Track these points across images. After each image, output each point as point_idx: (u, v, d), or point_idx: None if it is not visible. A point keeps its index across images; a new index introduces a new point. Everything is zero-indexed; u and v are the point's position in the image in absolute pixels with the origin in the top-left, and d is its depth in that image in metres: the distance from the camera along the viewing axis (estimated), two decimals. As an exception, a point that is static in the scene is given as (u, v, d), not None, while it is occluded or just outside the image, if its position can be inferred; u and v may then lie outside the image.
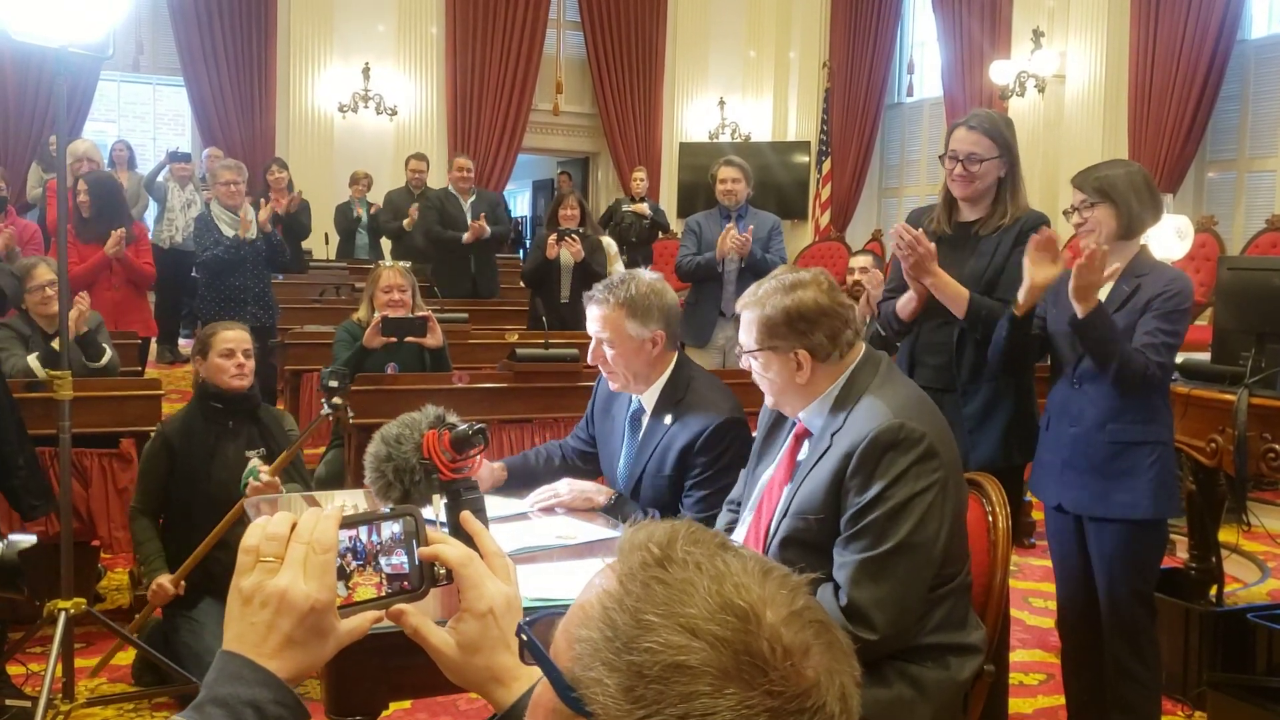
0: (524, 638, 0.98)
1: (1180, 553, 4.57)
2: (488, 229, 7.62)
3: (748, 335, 2.28)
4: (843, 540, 2.11)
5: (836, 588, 2.09)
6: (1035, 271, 2.92)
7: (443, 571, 1.17)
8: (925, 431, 2.10)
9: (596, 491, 2.89)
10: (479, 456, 1.71)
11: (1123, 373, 2.83)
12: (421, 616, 1.17)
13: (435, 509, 1.70)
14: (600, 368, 2.93)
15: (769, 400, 2.36)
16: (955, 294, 3.11)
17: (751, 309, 2.27)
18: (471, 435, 1.67)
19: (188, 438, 3.65)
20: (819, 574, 2.15)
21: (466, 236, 7.61)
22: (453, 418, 1.72)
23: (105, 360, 4.68)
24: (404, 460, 1.69)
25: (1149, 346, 2.84)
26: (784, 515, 2.22)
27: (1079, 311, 2.81)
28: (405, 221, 8.75)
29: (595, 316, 2.85)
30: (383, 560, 1.15)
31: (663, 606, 0.83)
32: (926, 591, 2.10)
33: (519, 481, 3.04)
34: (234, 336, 3.66)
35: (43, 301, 4.51)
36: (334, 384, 3.36)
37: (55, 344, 4.19)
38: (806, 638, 0.83)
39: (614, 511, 2.83)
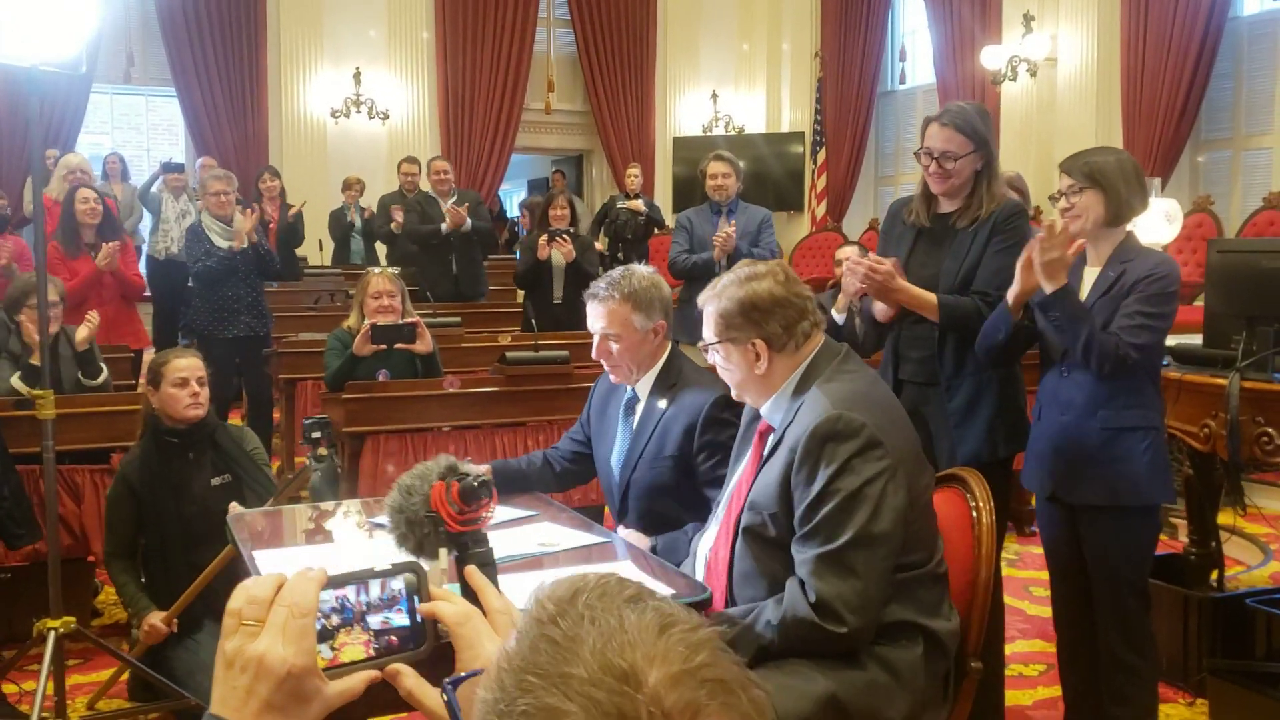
0: (445, 698, 0.96)
1: (1182, 536, 4.55)
2: (467, 219, 7.57)
3: (708, 328, 2.33)
4: (799, 538, 2.13)
5: (801, 584, 2.09)
6: (1025, 279, 2.90)
7: (445, 628, 1.14)
8: (865, 421, 2.11)
9: (638, 540, 2.86)
10: (488, 508, 1.69)
11: (1092, 353, 2.81)
12: (417, 678, 1.14)
13: (443, 562, 1.68)
14: (604, 362, 2.97)
15: (733, 392, 2.38)
16: (924, 303, 3.10)
17: (710, 302, 2.32)
18: (477, 487, 1.64)
19: (148, 478, 3.54)
20: (764, 598, 2.16)
21: (445, 225, 7.57)
22: (466, 466, 1.69)
23: (101, 379, 4.66)
24: (414, 512, 1.67)
25: (1124, 329, 2.82)
26: (744, 509, 2.25)
27: (1046, 289, 2.80)
28: (393, 224, 8.73)
29: (600, 314, 2.90)
30: (371, 619, 1.12)
31: (545, 667, 0.80)
32: (890, 577, 2.11)
33: (503, 485, 3.04)
34: (187, 365, 3.53)
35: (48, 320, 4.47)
36: (316, 435, 3.29)
37: (34, 359, 4.17)
38: (697, 698, 0.79)
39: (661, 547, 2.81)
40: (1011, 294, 2.93)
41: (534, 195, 12.43)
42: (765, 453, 2.26)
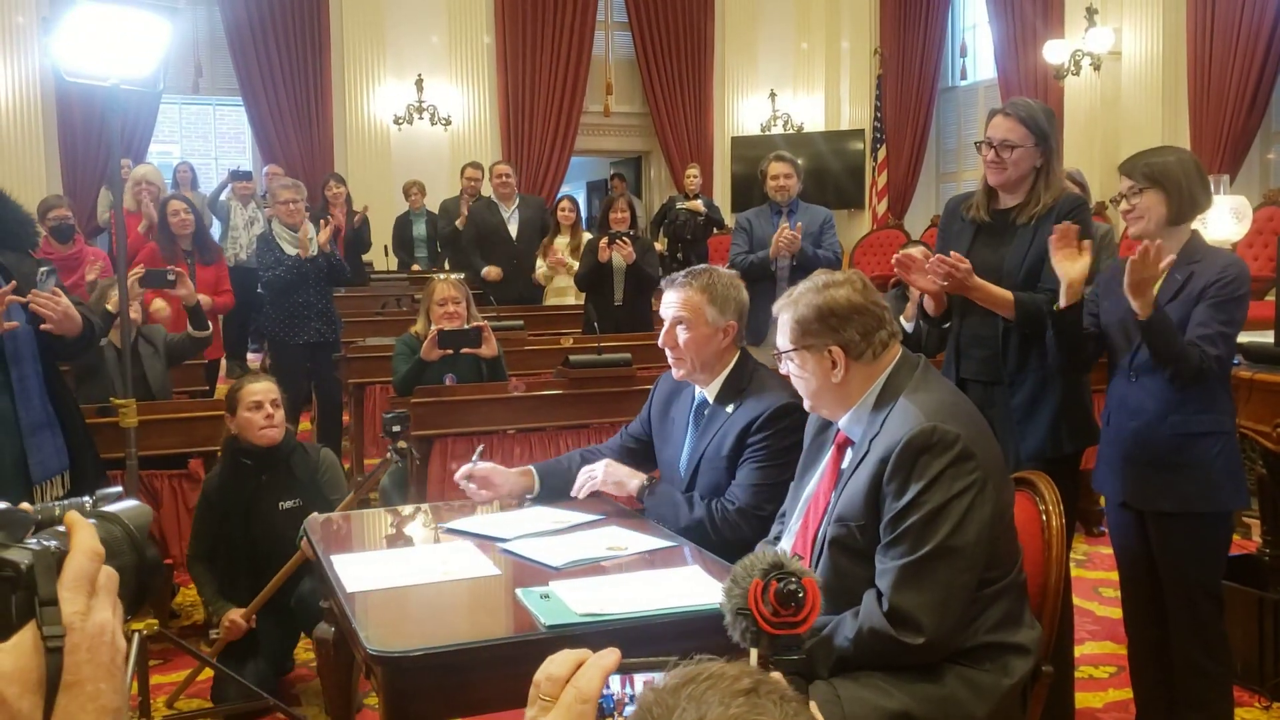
0: None
1: (1255, 537, 4.47)
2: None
3: (783, 336, 2.32)
4: (883, 546, 2.12)
5: (879, 594, 2.09)
6: (1067, 268, 2.87)
7: None
8: (959, 433, 2.09)
9: (629, 475, 2.94)
10: (809, 615, 1.65)
11: (1180, 370, 2.78)
12: None
13: (753, 659, 1.65)
14: (668, 353, 2.98)
15: (806, 403, 2.37)
16: (1000, 299, 3.08)
17: (786, 310, 2.31)
18: (785, 593, 1.61)
19: (224, 496, 3.73)
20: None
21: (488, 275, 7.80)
22: (793, 564, 1.62)
23: (208, 333, 4.94)
24: (734, 605, 1.67)
25: (1203, 339, 2.78)
26: (829, 522, 2.23)
27: (1137, 309, 2.75)
28: (458, 221, 8.83)
29: (675, 300, 2.93)
30: (629, 710, 1.11)
31: None
32: (972, 593, 2.09)
33: (555, 490, 3.08)
34: (261, 389, 3.66)
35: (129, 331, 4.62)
36: (397, 428, 3.35)
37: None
38: None
39: (650, 495, 2.89)
40: (1063, 295, 2.89)
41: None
42: (846, 466, 2.25)
